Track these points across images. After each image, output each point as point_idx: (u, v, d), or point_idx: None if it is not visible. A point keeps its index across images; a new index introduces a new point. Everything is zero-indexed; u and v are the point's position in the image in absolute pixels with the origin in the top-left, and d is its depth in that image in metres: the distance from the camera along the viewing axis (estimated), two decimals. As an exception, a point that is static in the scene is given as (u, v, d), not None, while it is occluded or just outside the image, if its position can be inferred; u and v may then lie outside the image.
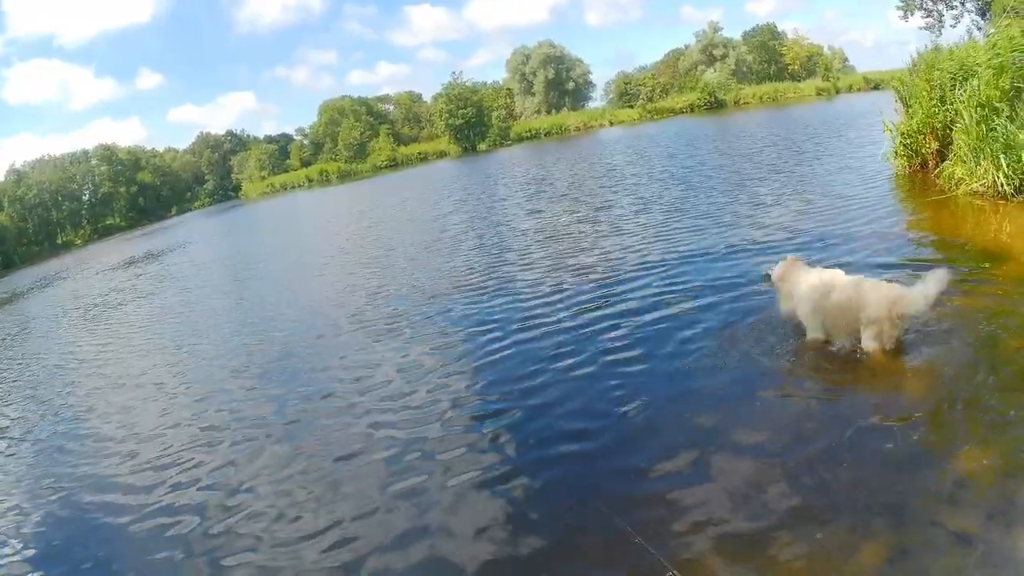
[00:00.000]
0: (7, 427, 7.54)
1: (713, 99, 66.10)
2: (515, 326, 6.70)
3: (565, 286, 7.84)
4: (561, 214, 13.83)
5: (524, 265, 9.48)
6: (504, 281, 8.73)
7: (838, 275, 4.57)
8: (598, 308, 6.72)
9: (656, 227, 10.38)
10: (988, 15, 25.98)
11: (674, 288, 6.86)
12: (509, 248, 11.09)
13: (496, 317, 7.18)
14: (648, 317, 6.13)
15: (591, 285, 7.67)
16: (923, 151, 10.63)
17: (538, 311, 7.05)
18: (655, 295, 6.75)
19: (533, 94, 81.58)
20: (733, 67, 75.31)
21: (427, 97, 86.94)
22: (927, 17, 35.14)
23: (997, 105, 8.23)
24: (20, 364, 11.18)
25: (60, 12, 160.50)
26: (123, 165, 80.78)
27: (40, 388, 9.00)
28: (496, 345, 6.26)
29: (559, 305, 7.12)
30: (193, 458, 5.23)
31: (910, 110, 11.04)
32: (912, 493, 3.10)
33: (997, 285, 5.29)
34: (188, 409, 6.48)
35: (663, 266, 7.86)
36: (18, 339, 14.22)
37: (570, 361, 5.50)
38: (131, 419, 6.62)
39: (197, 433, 5.79)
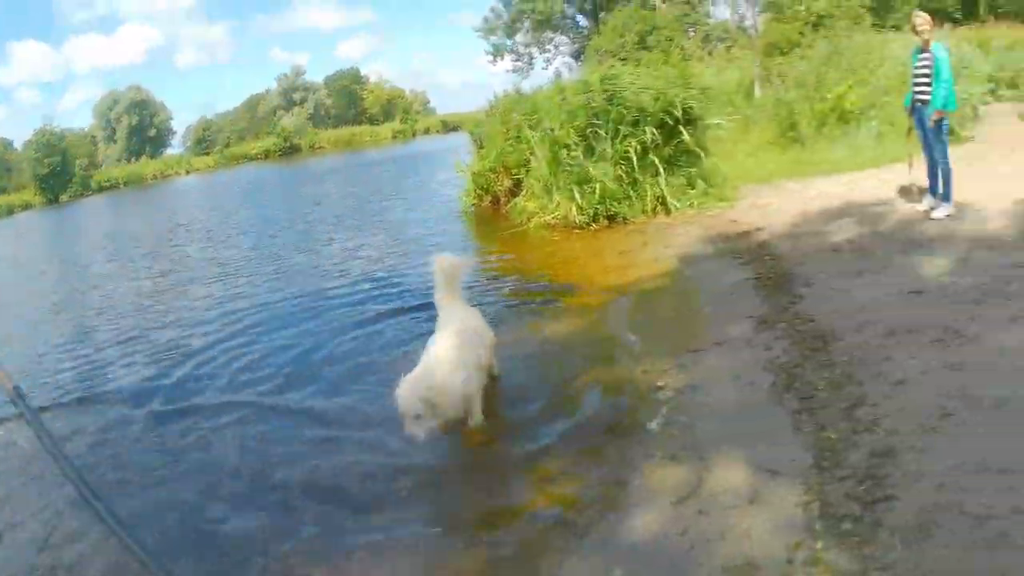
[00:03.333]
0: None
1: (288, 144, 65.65)
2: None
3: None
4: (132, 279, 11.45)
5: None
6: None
7: None
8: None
9: (234, 287, 9.26)
10: (582, 57, 27.86)
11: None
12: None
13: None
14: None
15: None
16: (495, 189, 11.02)
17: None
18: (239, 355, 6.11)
19: (116, 141, 71.27)
20: (311, 111, 75.60)
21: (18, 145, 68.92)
22: (516, 61, 35.59)
23: (569, 143, 8.74)
24: None
25: None
26: None
27: None
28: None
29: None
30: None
31: (483, 151, 11.47)
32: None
33: (563, 309, 5.94)
34: None
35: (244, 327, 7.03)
36: None
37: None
38: None
39: None
